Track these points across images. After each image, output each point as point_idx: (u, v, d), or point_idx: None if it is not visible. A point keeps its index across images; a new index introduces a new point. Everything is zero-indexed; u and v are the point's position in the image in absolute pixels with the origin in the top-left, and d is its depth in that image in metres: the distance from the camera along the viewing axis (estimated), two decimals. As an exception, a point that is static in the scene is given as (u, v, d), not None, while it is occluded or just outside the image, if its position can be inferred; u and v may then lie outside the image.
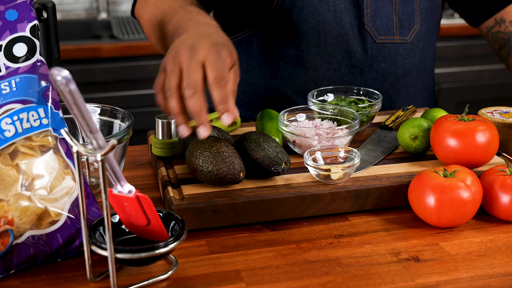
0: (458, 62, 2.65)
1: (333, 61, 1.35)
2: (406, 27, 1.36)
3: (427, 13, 1.38)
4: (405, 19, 1.35)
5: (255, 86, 1.41)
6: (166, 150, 1.06)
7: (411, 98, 1.44)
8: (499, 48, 1.41)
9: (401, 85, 1.41)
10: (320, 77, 1.36)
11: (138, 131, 1.62)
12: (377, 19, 1.34)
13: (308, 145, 1.05)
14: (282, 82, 1.38)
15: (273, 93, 1.39)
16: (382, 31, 1.35)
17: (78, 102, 0.67)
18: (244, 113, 1.44)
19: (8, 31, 0.85)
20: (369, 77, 1.37)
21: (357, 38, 1.34)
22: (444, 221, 0.91)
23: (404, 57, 1.38)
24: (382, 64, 1.37)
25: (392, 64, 1.38)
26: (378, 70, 1.37)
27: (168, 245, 0.78)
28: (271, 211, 0.94)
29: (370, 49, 1.35)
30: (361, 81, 1.37)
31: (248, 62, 1.40)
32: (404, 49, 1.37)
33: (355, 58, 1.35)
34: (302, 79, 1.37)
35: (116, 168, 0.75)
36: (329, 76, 1.36)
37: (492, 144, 0.99)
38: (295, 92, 1.38)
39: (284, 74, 1.37)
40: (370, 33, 1.33)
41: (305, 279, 0.81)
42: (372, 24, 1.33)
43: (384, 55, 1.36)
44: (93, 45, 2.35)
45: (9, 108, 0.82)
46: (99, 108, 1.09)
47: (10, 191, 0.81)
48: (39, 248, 0.82)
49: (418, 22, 1.37)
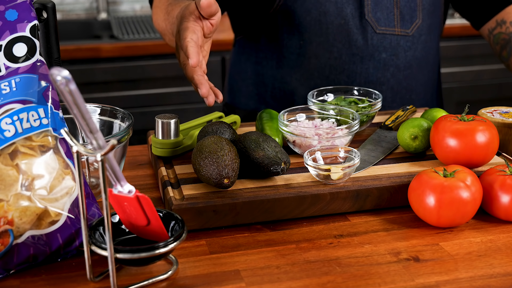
0: (458, 62, 2.65)
1: (334, 49, 1.38)
2: (408, 20, 1.39)
3: (429, 8, 1.41)
4: (406, 12, 1.38)
5: (264, 77, 1.46)
6: (166, 150, 1.06)
7: (413, 90, 1.46)
8: (500, 50, 1.42)
9: (402, 76, 1.43)
10: (322, 65, 1.39)
11: (138, 131, 1.62)
12: (378, 11, 1.37)
13: (308, 145, 1.05)
14: (287, 71, 1.42)
15: (279, 82, 1.44)
16: (383, 22, 1.37)
17: (78, 102, 0.67)
18: (253, 106, 1.49)
19: (8, 31, 0.85)
20: (370, 66, 1.39)
21: (357, 27, 1.37)
22: (444, 221, 0.91)
23: (405, 49, 1.40)
24: (383, 54, 1.39)
25: (393, 55, 1.40)
26: (379, 59, 1.39)
27: (168, 245, 0.78)
28: (271, 211, 0.94)
29: (371, 38, 1.37)
30: (362, 70, 1.39)
31: (256, 55, 1.46)
32: (405, 41, 1.40)
33: (356, 47, 1.38)
34: (305, 68, 1.40)
35: (116, 168, 0.75)
36: (330, 64, 1.39)
37: (492, 144, 0.99)
38: (299, 81, 1.42)
39: (289, 64, 1.42)
40: (370, 24, 1.36)
41: (305, 279, 0.81)
42: (373, 15, 1.36)
43: (385, 46, 1.39)
44: (93, 45, 2.35)
45: (9, 108, 0.82)
46: (99, 108, 1.09)
47: (10, 191, 0.81)
48: (39, 248, 0.82)
49: (420, 17, 1.39)
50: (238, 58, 1.52)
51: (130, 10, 2.87)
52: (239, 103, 1.53)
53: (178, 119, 1.06)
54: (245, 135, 0.99)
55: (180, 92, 2.45)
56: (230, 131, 1.04)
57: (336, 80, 1.40)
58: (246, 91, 1.51)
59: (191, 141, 1.10)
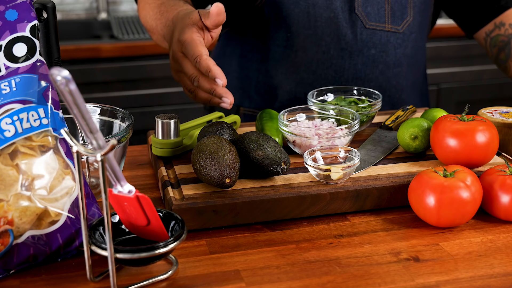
0: (458, 62, 2.65)
1: (322, 43, 1.35)
2: (399, 17, 1.36)
3: (420, 6, 1.39)
4: (397, 8, 1.36)
5: (248, 71, 1.43)
6: (166, 150, 1.06)
7: (402, 90, 1.44)
8: (497, 52, 1.40)
9: (392, 74, 1.40)
10: (309, 59, 1.37)
11: (138, 131, 1.62)
12: (368, 5, 1.34)
13: (308, 145, 1.05)
14: (273, 65, 1.39)
15: (264, 76, 1.41)
16: (373, 17, 1.35)
17: (78, 102, 0.67)
18: (237, 100, 1.45)
19: (8, 31, 0.85)
20: (358, 62, 1.37)
21: (347, 21, 1.34)
22: (444, 221, 0.91)
23: (395, 46, 1.38)
24: (372, 50, 1.37)
25: (383, 52, 1.38)
26: (368, 55, 1.37)
27: (168, 245, 0.78)
28: (271, 211, 0.94)
29: (360, 33, 1.35)
30: (350, 65, 1.37)
31: (242, 48, 1.43)
32: (396, 38, 1.38)
33: (345, 41, 1.35)
34: (292, 61, 1.38)
35: (116, 168, 0.75)
36: (318, 59, 1.36)
37: (492, 144, 0.99)
38: (284, 74, 1.39)
39: (274, 57, 1.39)
40: (360, 18, 1.34)
41: (305, 279, 0.81)
42: (363, 9, 1.33)
43: (375, 42, 1.36)
44: (93, 45, 2.35)
45: (9, 108, 0.82)
46: (99, 108, 1.09)
47: (10, 191, 0.81)
48: (39, 248, 0.82)
49: (411, 14, 1.37)
50: (222, 51, 1.49)
51: (130, 10, 2.87)
52: None
53: (178, 119, 1.06)
54: (245, 135, 0.99)
55: (180, 92, 2.45)
56: (230, 131, 1.04)
57: (323, 75, 1.38)
58: (229, 85, 1.47)
59: (191, 141, 1.10)
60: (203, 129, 1.06)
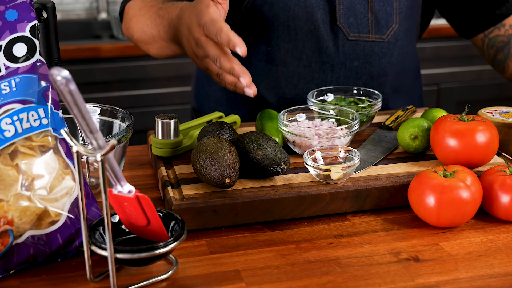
0: (458, 62, 2.65)
1: (303, 57, 1.33)
2: (384, 25, 1.33)
3: (407, 12, 1.35)
4: (382, 17, 1.32)
5: None
6: (166, 150, 1.06)
7: (387, 99, 1.41)
8: (495, 53, 1.38)
9: (376, 84, 1.38)
10: (290, 73, 1.34)
11: (138, 131, 1.62)
12: (350, 16, 1.31)
13: (308, 145, 1.05)
14: (254, 78, 1.35)
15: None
16: (356, 28, 1.31)
17: (78, 102, 0.67)
18: (223, 111, 1.43)
19: (8, 31, 0.85)
20: (340, 75, 1.34)
21: (328, 34, 1.31)
22: (444, 221, 0.91)
23: (380, 56, 1.35)
24: (356, 62, 1.34)
25: (367, 63, 1.35)
26: (350, 68, 1.34)
27: (168, 245, 0.78)
28: (271, 211, 0.94)
29: (342, 46, 1.32)
30: (332, 78, 1.34)
31: None
32: (380, 48, 1.34)
33: (326, 55, 1.32)
34: (273, 76, 1.35)
35: (116, 168, 0.75)
36: (299, 73, 1.34)
37: (492, 144, 0.99)
38: (267, 89, 1.37)
39: (256, 70, 1.36)
40: (342, 30, 1.30)
41: (305, 279, 0.81)
42: (345, 20, 1.30)
43: (358, 53, 1.33)
44: (93, 45, 2.35)
45: (9, 108, 0.82)
46: (99, 108, 1.09)
47: (10, 191, 0.81)
48: (39, 248, 0.82)
49: (397, 21, 1.34)
50: None
51: (130, 10, 2.86)
52: (207, 109, 1.47)
53: (178, 119, 1.06)
54: (245, 135, 0.99)
55: (180, 92, 2.45)
56: (230, 131, 1.04)
57: (305, 89, 1.35)
58: (214, 96, 1.45)
59: (191, 141, 1.10)
60: (203, 129, 1.06)
